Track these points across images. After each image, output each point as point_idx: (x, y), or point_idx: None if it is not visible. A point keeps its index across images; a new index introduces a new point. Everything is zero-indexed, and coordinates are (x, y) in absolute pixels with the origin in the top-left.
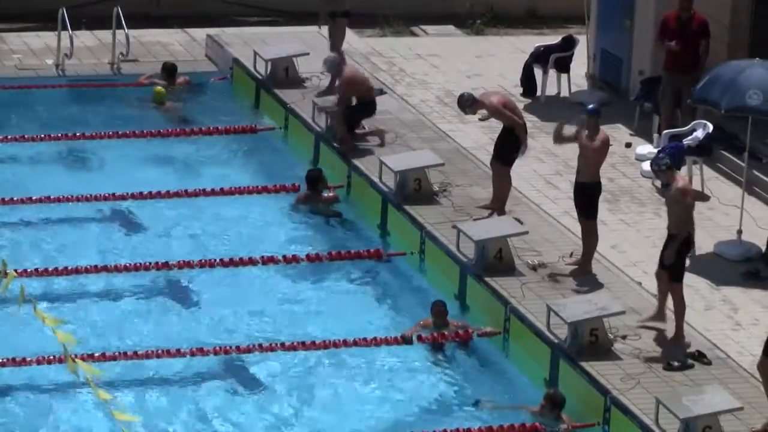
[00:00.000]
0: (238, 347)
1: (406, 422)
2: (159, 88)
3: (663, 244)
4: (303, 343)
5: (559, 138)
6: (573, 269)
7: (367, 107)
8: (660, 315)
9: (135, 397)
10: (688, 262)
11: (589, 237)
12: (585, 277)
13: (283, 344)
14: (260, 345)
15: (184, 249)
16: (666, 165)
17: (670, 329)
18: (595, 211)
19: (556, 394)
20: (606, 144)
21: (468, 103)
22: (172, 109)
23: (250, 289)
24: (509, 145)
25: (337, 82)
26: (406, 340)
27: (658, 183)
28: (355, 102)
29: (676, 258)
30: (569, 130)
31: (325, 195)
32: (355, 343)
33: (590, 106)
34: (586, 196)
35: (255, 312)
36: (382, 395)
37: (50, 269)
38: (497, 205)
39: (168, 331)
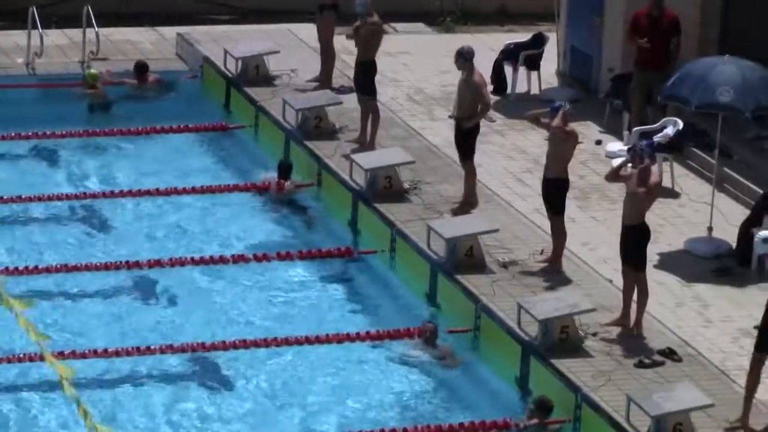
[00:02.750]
0: (205, 344)
1: (371, 419)
2: (92, 70)
3: (621, 237)
4: (275, 339)
5: (535, 120)
6: (543, 266)
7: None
8: (625, 314)
9: (106, 395)
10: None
11: (558, 233)
12: (555, 275)
13: (250, 341)
14: (230, 342)
15: (155, 248)
16: (647, 153)
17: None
18: (563, 207)
19: (546, 399)
20: (574, 139)
21: (467, 56)
22: (101, 93)
23: (220, 288)
24: (471, 140)
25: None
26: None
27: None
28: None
29: (638, 248)
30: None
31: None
32: (327, 340)
33: (555, 104)
34: (554, 192)
35: (226, 310)
36: (351, 391)
37: (20, 268)
38: (471, 199)
39: (138, 330)
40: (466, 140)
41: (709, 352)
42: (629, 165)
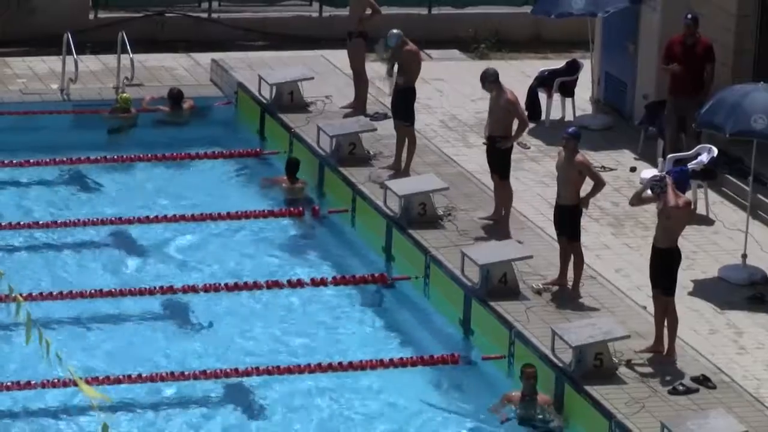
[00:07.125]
0: (237, 370)
1: None
2: (125, 94)
3: (651, 260)
4: (308, 365)
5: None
6: (573, 292)
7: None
8: (658, 339)
9: (136, 419)
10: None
11: (577, 258)
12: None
13: (284, 367)
14: (263, 368)
15: (188, 273)
16: (661, 189)
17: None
18: (579, 232)
19: None
20: (585, 166)
21: (492, 79)
22: (132, 117)
23: (254, 314)
24: (508, 159)
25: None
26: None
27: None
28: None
29: (668, 271)
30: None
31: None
32: (360, 366)
33: (571, 129)
34: (569, 219)
35: (258, 336)
36: (384, 418)
37: (54, 293)
38: (499, 216)
39: (171, 355)
40: (503, 160)
41: (743, 380)
42: (649, 191)
